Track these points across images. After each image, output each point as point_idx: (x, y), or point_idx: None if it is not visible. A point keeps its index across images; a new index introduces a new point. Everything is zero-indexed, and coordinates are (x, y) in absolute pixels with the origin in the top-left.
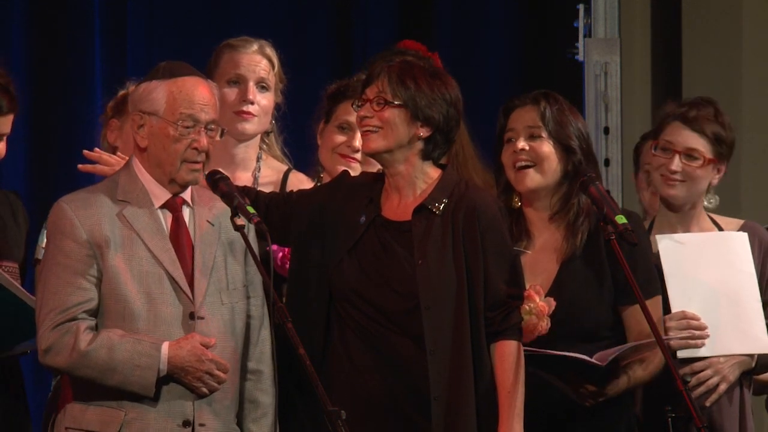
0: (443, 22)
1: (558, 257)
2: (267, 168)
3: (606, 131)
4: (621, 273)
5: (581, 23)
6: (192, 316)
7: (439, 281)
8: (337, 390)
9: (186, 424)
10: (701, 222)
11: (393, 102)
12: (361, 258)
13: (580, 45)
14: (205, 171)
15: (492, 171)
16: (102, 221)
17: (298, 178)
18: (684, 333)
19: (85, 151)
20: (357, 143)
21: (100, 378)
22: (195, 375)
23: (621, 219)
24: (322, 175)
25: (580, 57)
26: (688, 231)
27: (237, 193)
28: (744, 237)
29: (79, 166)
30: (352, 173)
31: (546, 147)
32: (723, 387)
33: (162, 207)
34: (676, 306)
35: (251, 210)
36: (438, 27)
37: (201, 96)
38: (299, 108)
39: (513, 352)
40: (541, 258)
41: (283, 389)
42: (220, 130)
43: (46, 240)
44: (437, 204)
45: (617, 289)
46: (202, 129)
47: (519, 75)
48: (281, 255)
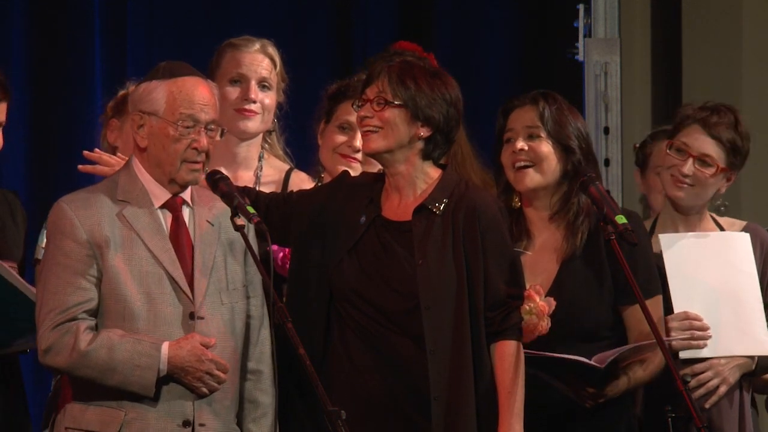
0: (443, 22)
1: (558, 257)
2: (269, 167)
3: (606, 131)
4: (621, 273)
5: (581, 23)
6: (192, 316)
7: (440, 281)
8: (337, 390)
9: (186, 424)
10: (704, 223)
11: (393, 102)
12: (362, 258)
13: (580, 45)
14: (206, 171)
15: (491, 171)
16: (102, 221)
17: (300, 177)
18: (686, 333)
19: (85, 152)
20: (357, 143)
21: (100, 378)
22: (195, 375)
23: (621, 219)
24: (322, 175)
25: (580, 57)
26: (690, 231)
27: (237, 193)
28: (746, 238)
29: (79, 166)
30: (352, 173)
31: (545, 147)
32: (723, 389)
33: (162, 207)
34: (678, 306)
35: (251, 210)
36: (438, 27)
37: (201, 96)
38: (299, 108)
39: (513, 352)
40: (541, 258)
41: (283, 389)
42: (220, 130)
43: (45, 240)
44: (437, 204)
45: (617, 289)
46: (202, 129)
47: (519, 75)
48: (282, 255)
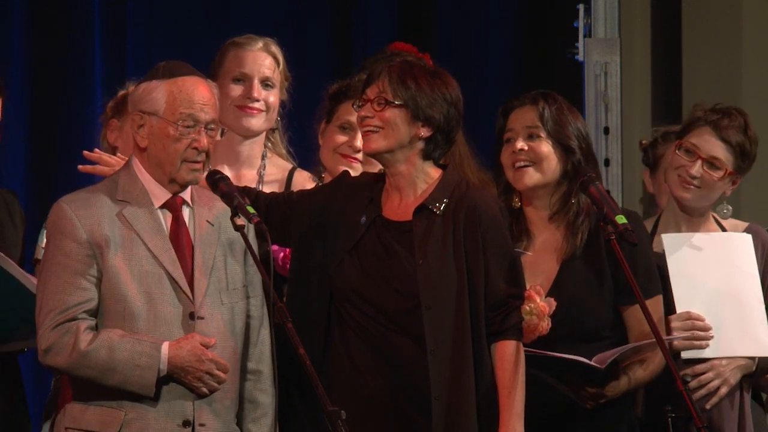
0: (443, 22)
1: (558, 257)
2: (272, 166)
3: (606, 131)
4: (621, 273)
5: (581, 23)
6: (192, 316)
7: (440, 281)
8: (338, 390)
9: (186, 424)
10: (707, 223)
11: (394, 102)
12: (362, 258)
13: (580, 45)
14: (206, 170)
15: (489, 171)
16: (102, 221)
17: (303, 176)
18: (688, 333)
19: (85, 152)
20: (358, 143)
21: (100, 378)
22: (195, 375)
23: (621, 219)
24: (323, 175)
25: (580, 57)
26: (693, 231)
27: (237, 193)
28: (748, 239)
29: (79, 167)
30: (353, 173)
31: (545, 147)
32: (724, 390)
33: (162, 207)
34: (680, 306)
35: (251, 210)
36: (438, 27)
37: (201, 96)
38: (299, 108)
39: (513, 352)
40: (541, 258)
41: (283, 389)
42: (220, 129)
43: (45, 240)
44: (438, 204)
45: (618, 289)
46: (202, 129)
47: (519, 75)
48: (282, 255)
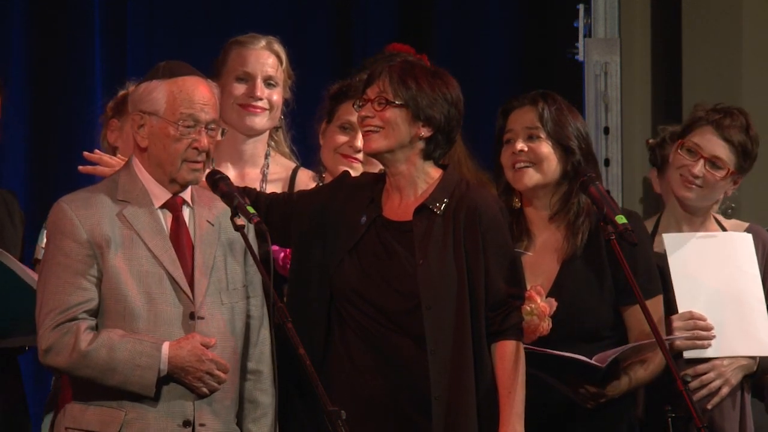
0: (443, 22)
1: (558, 257)
2: (275, 165)
3: (606, 131)
4: (621, 273)
5: (581, 23)
6: (192, 316)
7: (440, 281)
8: (338, 390)
9: (186, 424)
10: (707, 223)
11: (394, 102)
12: (362, 258)
13: (580, 45)
14: (206, 170)
15: (487, 172)
16: (102, 221)
17: (306, 175)
18: (690, 333)
19: (86, 153)
20: (359, 143)
21: (100, 378)
22: (195, 375)
23: (621, 219)
24: (324, 175)
25: (580, 57)
26: (694, 231)
27: (237, 193)
28: (748, 238)
29: (80, 167)
30: (353, 173)
31: (545, 147)
32: (725, 390)
33: (162, 207)
34: (682, 305)
35: (251, 210)
36: (438, 27)
37: (201, 96)
38: (299, 108)
39: (513, 351)
40: (542, 258)
41: (283, 389)
42: (220, 129)
43: (45, 240)
44: (438, 204)
45: (618, 289)
46: (202, 129)
47: (519, 75)
48: (283, 255)
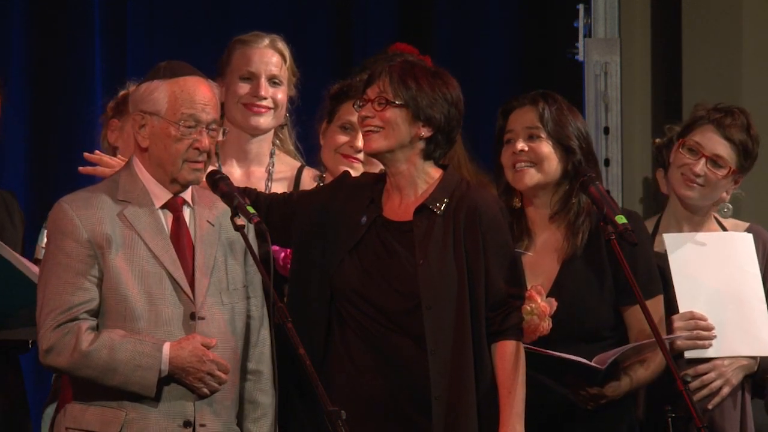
0: (443, 22)
1: (559, 257)
2: (280, 164)
3: (606, 131)
4: (622, 273)
5: (581, 23)
6: (193, 316)
7: (441, 281)
8: (338, 390)
9: (187, 424)
10: (708, 223)
11: (394, 102)
12: (363, 258)
13: (580, 45)
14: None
15: (487, 173)
16: (103, 221)
17: (311, 174)
18: (691, 333)
19: (86, 154)
20: (359, 143)
21: (101, 378)
22: (196, 375)
23: (621, 219)
24: (324, 175)
25: (580, 57)
26: (694, 231)
27: (237, 193)
28: (749, 238)
29: (80, 168)
30: (354, 173)
31: (545, 147)
32: (726, 390)
33: (162, 207)
34: (683, 305)
35: (251, 210)
36: (438, 27)
37: (202, 96)
38: (299, 108)
39: (513, 352)
40: (542, 258)
41: (283, 389)
42: (221, 129)
43: (46, 240)
44: (438, 204)
45: (618, 289)
46: (203, 129)
47: (519, 75)
48: (283, 255)
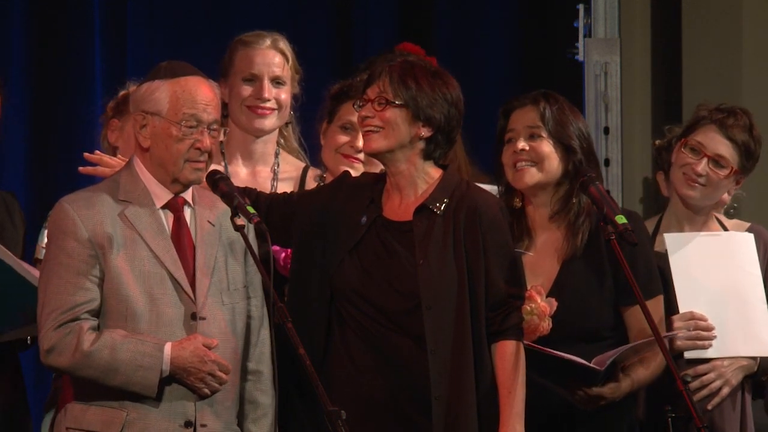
0: (443, 22)
1: (559, 257)
2: (285, 164)
3: (606, 131)
4: (621, 273)
5: (581, 23)
6: (194, 316)
7: (441, 281)
8: (338, 390)
9: (188, 424)
10: (709, 223)
11: (394, 102)
12: (363, 258)
13: (580, 45)
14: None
15: (488, 175)
16: (104, 221)
17: (312, 174)
18: (691, 333)
19: (86, 154)
20: (360, 143)
21: (102, 378)
22: (197, 376)
23: (621, 219)
24: (325, 175)
25: (580, 57)
26: (695, 231)
27: (237, 193)
28: (750, 238)
29: (80, 168)
30: (354, 173)
31: (546, 147)
32: (726, 390)
33: (163, 207)
34: (683, 305)
35: (251, 210)
36: (438, 27)
37: (204, 96)
38: (299, 108)
39: (513, 352)
40: (542, 258)
41: (283, 389)
42: (222, 130)
43: (47, 240)
44: (438, 204)
45: (618, 290)
46: (204, 129)
47: (519, 75)
48: (284, 255)
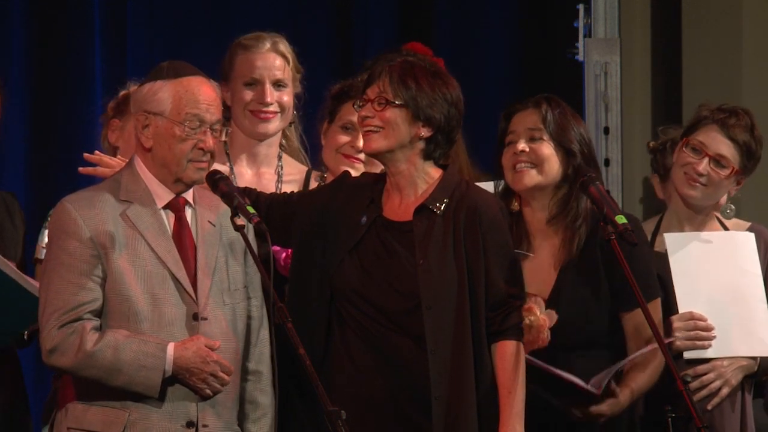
0: (443, 22)
1: (556, 263)
2: (288, 166)
3: (606, 131)
4: (617, 278)
5: (581, 23)
6: (195, 317)
7: (441, 281)
8: (338, 390)
9: (189, 425)
10: (709, 223)
11: (394, 102)
12: (363, 258)
13: (580, 45)
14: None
15: (487, 175)
16: (106, 221)
17: (314, 175)
18: (691, 334)
19: (86, 154)
20: (360, 143)
21: (105, 378)
22: (200, 376)
23: (621, 219)
24: (325, 175)
25: (580, 57)
26: (696, 231)
27: (237, 193)
28: (751, 238)
29: (80, 168)
30: (355, 173)
31: (546, 149)
32: (725, 391)
33: (165, 207)
34: (683, 305)
35: (251, 210)
36: (438, 27)
37: (206, 96)
38: (299, 108)
39: (513, 352)
40: (540, 264)
41: (283, 389)
42: (224, 130)
43: (48, 240)
44: (438, 204)
45: (615, 295)
46: (207, 129)
47: (519, 75)
48: (284, 255)
